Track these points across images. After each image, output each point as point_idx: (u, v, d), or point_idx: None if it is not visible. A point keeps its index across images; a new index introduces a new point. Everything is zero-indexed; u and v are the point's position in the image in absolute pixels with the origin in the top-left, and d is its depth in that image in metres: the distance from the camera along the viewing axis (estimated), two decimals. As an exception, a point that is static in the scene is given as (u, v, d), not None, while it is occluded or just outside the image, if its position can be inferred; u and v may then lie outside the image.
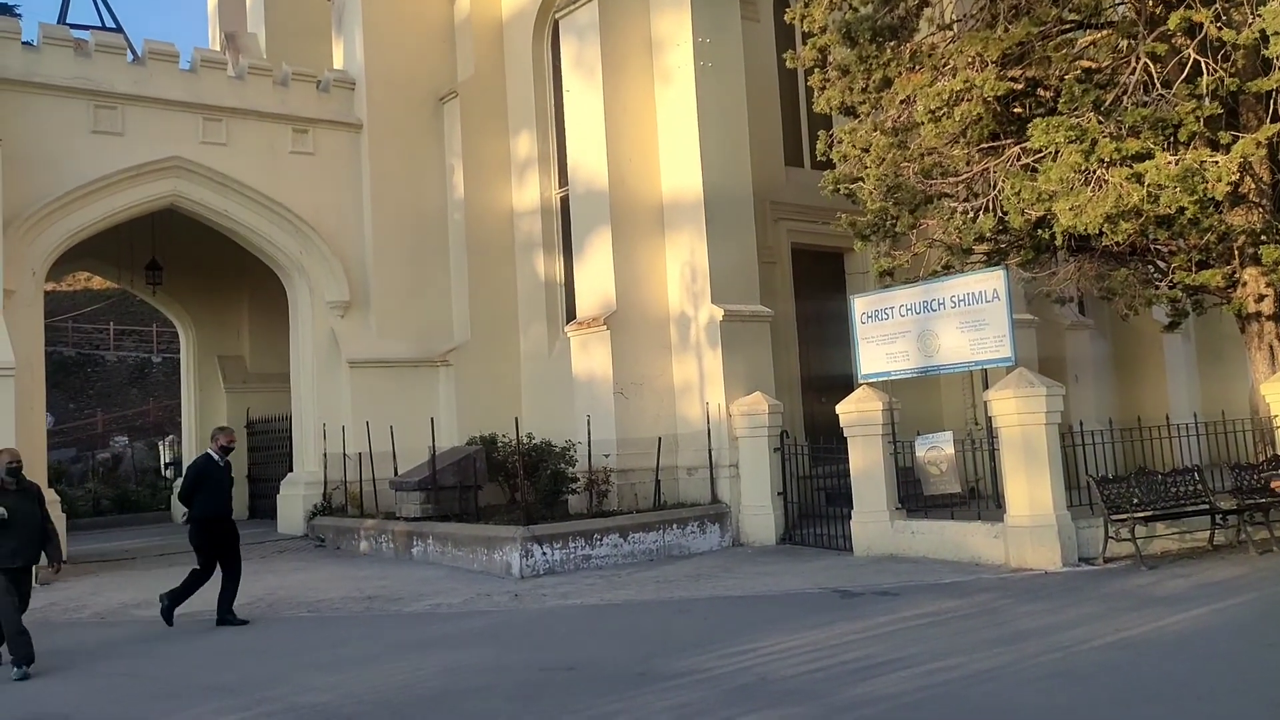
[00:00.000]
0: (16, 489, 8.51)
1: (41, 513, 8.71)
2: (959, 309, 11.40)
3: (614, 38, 15.35)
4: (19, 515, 8.39)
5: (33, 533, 8.52)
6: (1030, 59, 10.78)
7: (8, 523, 8.28)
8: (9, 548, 8.34)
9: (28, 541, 8.48)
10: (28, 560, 8.56)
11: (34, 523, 8.55)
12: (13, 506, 8.36)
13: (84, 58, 15.88)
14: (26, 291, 14.99)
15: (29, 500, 8.61)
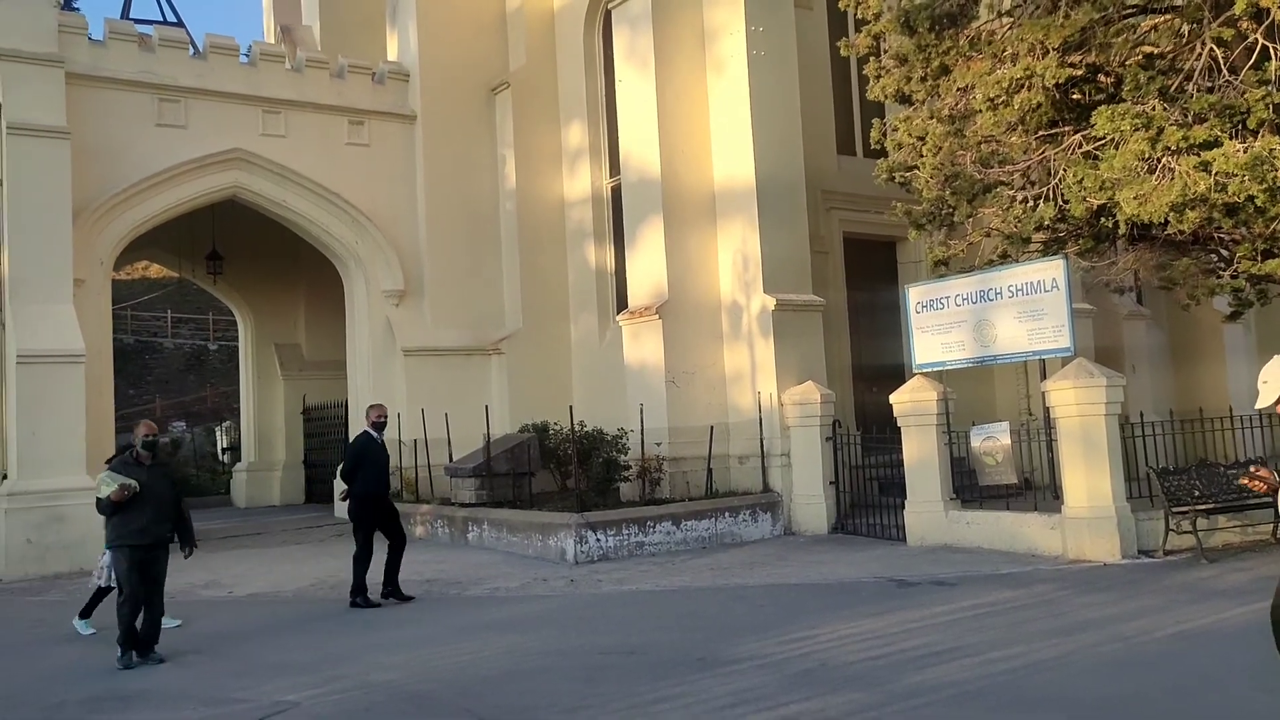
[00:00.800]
0: (151, 464, 8.18)
1: (175, 492, 8.40)
2: (1017, 299, 11.33)
3: (666, 27, 15.38)
4: (151, 491, 7.97)
5: (164, 510, 8.11)
6: (1090, 45, 10.64)
7: (139, 498, 7.86)
8: (138, 524, 7.93)
9: (158, 519, 8.06)
10: (157, 538, 8.09)
11: (166, 500, 8.15)
12: (146, 482, 7.95)
13: (148, 52, 16.25)
14: (95, 280, 15.42)
15: (162, 477, 8.29)
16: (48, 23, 14.99)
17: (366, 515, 10.42)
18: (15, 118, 14.44)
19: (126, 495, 7.73)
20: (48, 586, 12.59)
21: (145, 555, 8.01)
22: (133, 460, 8.09)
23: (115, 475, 7.84)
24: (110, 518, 7.94)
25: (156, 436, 8.30)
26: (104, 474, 7.93)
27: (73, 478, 13.76)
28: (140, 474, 7.95)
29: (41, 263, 14.33)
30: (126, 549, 7.94)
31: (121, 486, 7.73)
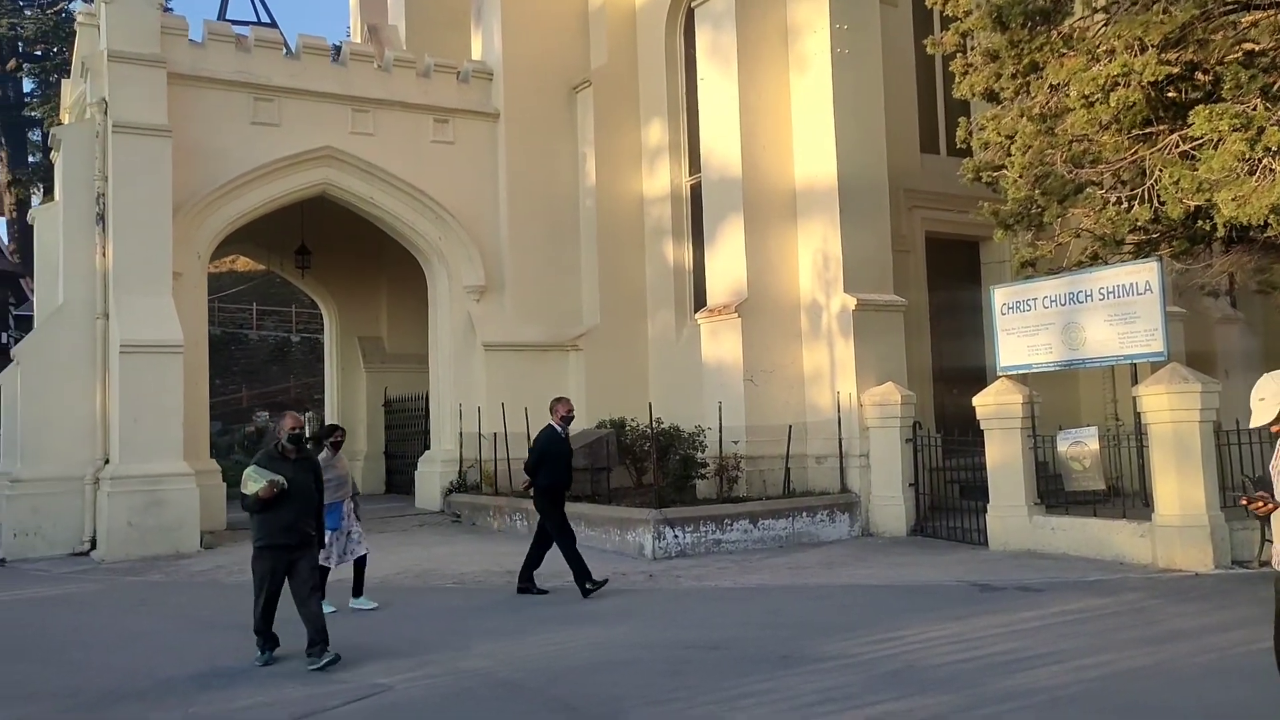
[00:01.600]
0: (296, 458, 7.71)
1: (317, 486, 7.88)
2: (1108, 301, 11.11)
3: (749, 25, 15.39)
4: (296, 487, 7.51)
5: (308, 507, 7.66)
6: (1189, 42, 10.39)
7: (286, 494, 7.40)
8: (283, 522, 7.47)
9: (304, 515, 7.61)
10: (303, 536, 7.63)
11: (310, 496, 7.70)
12: (293, 477, 7.49)
13: (244, 53, 16.77)
14: (193, 274, 15.98)
15: (307, 472, 7.76)
16: (151, 25, 15.56)
17: (555, 504, 10.47)
18: (120, 117, 15.03)
19: (275, 492, 7.32)
20: (148, 567, 13.12)
21: (291, 555, 7.59)
22: (278, 454, 7.66)
23: (263, 471, 7.45)
24: (256, 515, 7.54)
25: (302, 429, 7.79)
26: (251, 469, 7.52)
27: (171, 463, 14.33)
28: (286, 469, 7.53)
29: (143, 256, 14.90)
30: (271, 549, 7.53)
31: (270, 483, 7.31)
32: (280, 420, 7.95)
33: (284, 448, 7.68)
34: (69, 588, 12.08)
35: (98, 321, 14.88)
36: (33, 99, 44.52)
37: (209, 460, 16.25)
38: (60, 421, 14.66)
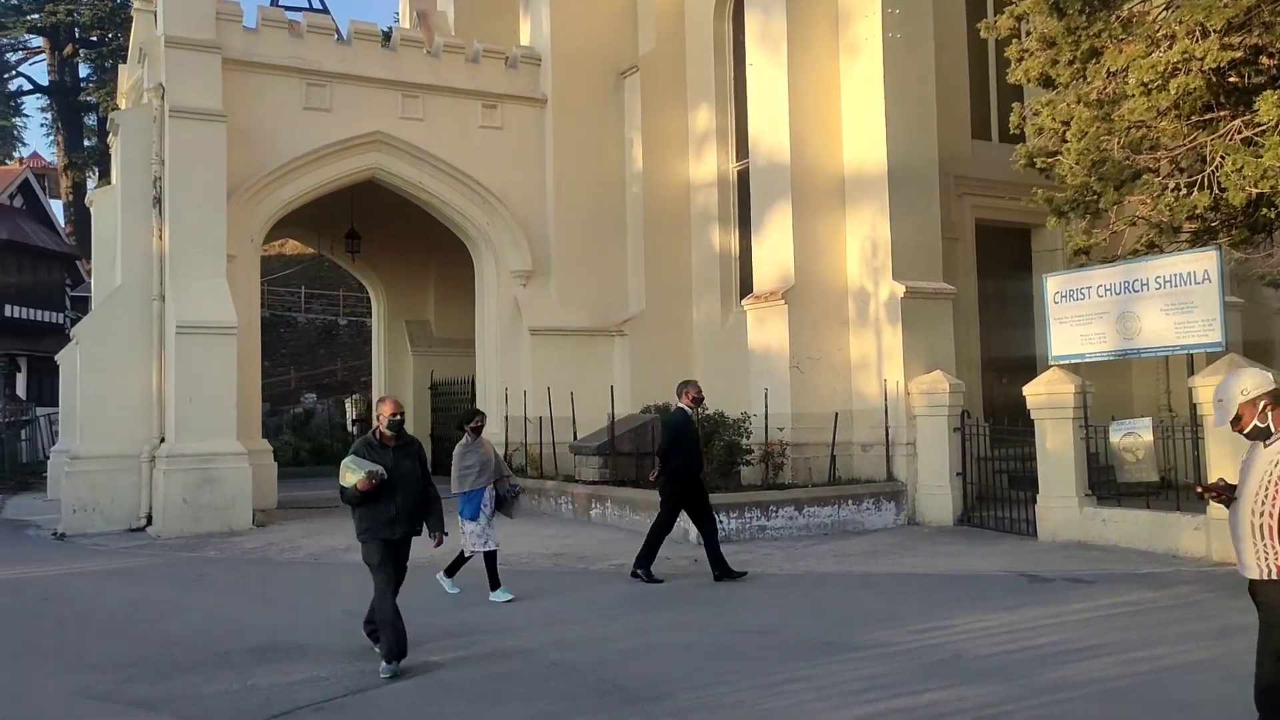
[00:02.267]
0: (397, 444, 7.13)
1: (423, 473, 7.26)
2: (1164, 290, 10.92)
3: (799, 10, 15.27)
4: (401, 476, 6.99)
5: (415, 497, 7.10)
6: (1253, 25, 10.15)
7: (387, 485, 6.89)
8: (387, 514, 6.97)
9: (409, 507, 7.08)
10: (408, 530, 7.15)
11: (416, 485, 7.12)
12: (394, 466, 6.96)
13: (296, 38, 16.96)
14: (246, 256, 16.25)
15: (411, 458, 7.18)
16: (207, 11, 15.80)
17: (679, 491, 10.31)
18: (177, 101, 15.29)
19: (375, 484, 6.80)
20: (202, 544, 13.41)
21: (396, 549, 7.12)
22: (377, 442, 7.08)
23: (361, 461, 6.91)
24: (357, 508, 7.01)
25: (402, 415, 7.19)
26: (348, 459, 6.96)
27: (225, 442, 14.61)
28: (386, 458, 6.99)
29: (198, 239, 15.17)
30: (377, 542, 7.03)
31: (369, 474, 6.79)
32: (379, 406, 7.28)
33: (382, 434, 7.10)
34: (127, 562, 12.39)
35: (154, 303, 15.20)
36: (89, 84, 45.46)
37: (260, 440, 16.56)
38: (117, 400, 15.01)
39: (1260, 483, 4.28)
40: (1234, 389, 4.46)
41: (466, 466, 9.49)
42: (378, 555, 7.06)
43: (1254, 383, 4.43)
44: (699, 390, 10.58)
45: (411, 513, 7.12)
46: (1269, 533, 4.21)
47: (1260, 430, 4.39)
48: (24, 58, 45.73)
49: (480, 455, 9.57)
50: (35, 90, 46.59)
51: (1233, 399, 4.45)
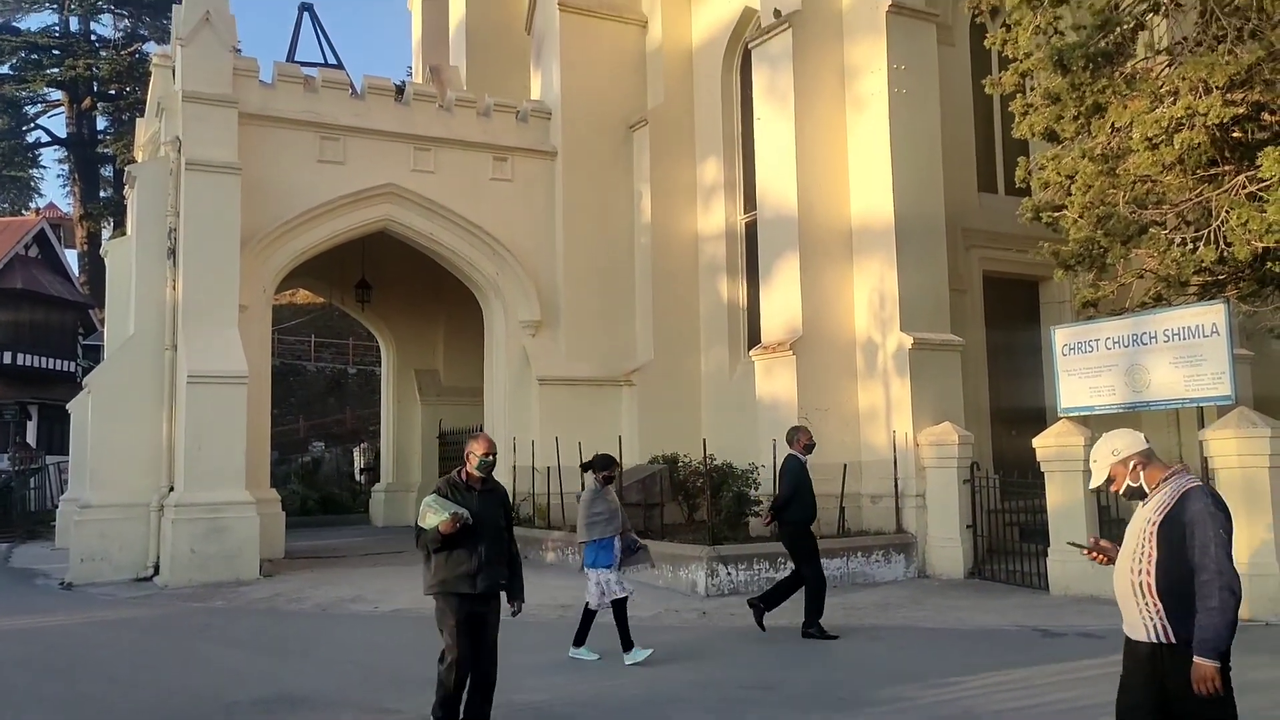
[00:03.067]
0: (483, 488, 6.36)
1: (509, 524, 6.51)
2: (1173, 343, 10.94)
3: (806, 66, 15.49)
4: (486, 523, 6.20)
5: (499, 548, 6.31)
6: (1255, 82, 10.30)
7: (471, 532, 6.08)
8: (469, 566, 6.12)
9: (492, 560, 6.23)
10: (491, 584, 6.23)
11: (501, 537, 6.37)
12: (479, 511, 6.16)
13: (311, 93, 17.26)
14: (258, 306, 16.39)
15: (498, 506, 6.42)
16: (224, 67, 16.10)
17: (809, 538, 10.19)
18: (193, 154, 15.53)
19: (458, 527, 6.01)
20: (210, 594, 13.36)
21: (476, 608, 6.19)
22: (463, 484, 6.32)
23: (444, 501, 6.16)
24: (433, 556, 6.19)
25: (494, 456, 6.39)
26: (430, 499, 6.22)
27: (233, 491, 14.62)
28: (472, 501, 6.20)
29: (211, 289, 15.31)
30: (455, 598, 6.13)
31: (454, 516, 6.00)
32: (470, 443, 6.44)
33: (469, 475, 6.33)
34: (134, 612, 12.35)
35: (166, 352, 15.30)
36: (106, 136, 46.17)
37: (269, 489, 16.57)
38: (127, 449, 15.06)
39: (1137, 541, 4.30)
40: (1105, 450, 4.50)
41: (596, 513, 9.12)
42: (453, 615, 6.10)
43: (1125, 443, 4.47)
44: (810, 436, 10.43)
45: (496, 566, 6.26)
46: (1149, 590, 4.22)
47: (1134, 490, 4.43)
48: (43, 110, 46.53)
49: (609, 503, 9.25)
50: (53, 142, 47.33)
51: (1105, 460, 4.48)
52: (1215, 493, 4.36)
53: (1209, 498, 4.22)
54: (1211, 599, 4.02)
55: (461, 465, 6.40)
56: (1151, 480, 4.38)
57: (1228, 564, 4.07)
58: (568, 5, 19.14)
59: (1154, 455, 4.47)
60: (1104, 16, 10.74)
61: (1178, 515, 4.19)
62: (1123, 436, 4.51)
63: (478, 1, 23.29)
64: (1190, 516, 4.15)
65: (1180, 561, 4.14)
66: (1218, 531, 4.10)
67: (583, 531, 9.14)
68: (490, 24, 23.11)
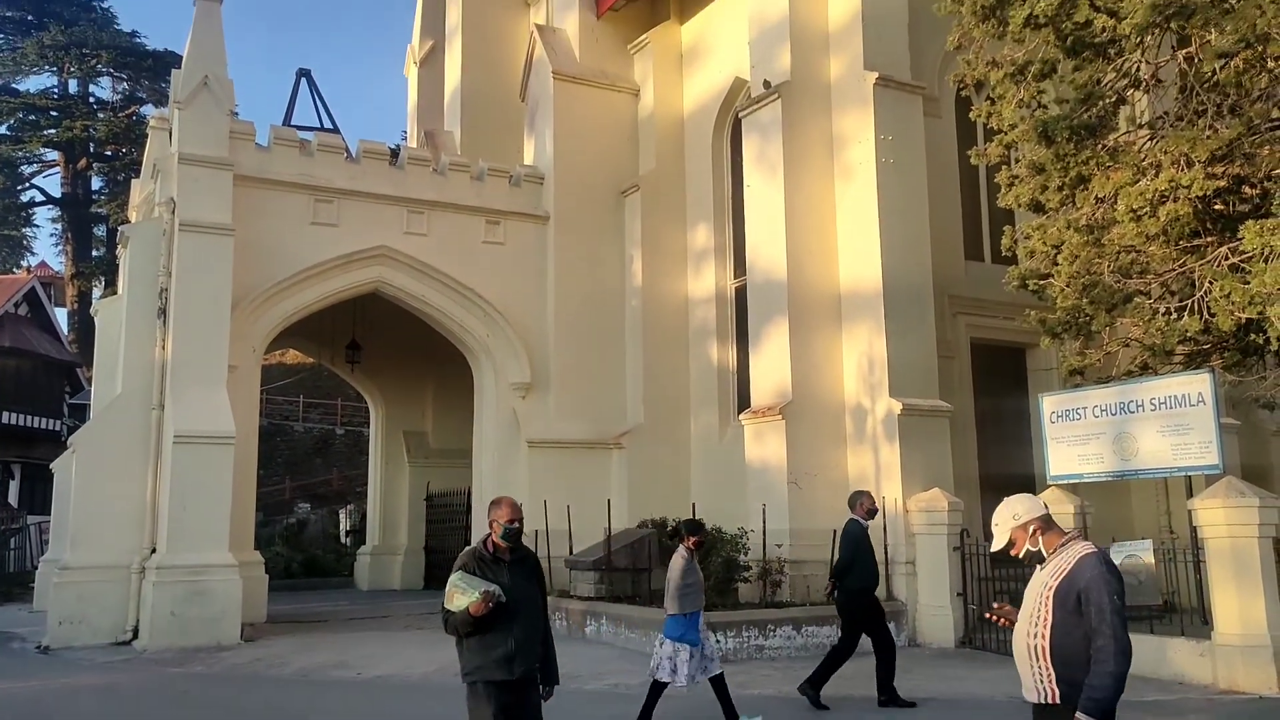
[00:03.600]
0: (513, 558, 5.63)
1: (542, 595, 5.79)
2: (1160, 412, 11.00)
3: (795, 134, 15.76)
4: (520, 599, 5.49)
5: (535, 625, 5.65)
6: (1235, 157, 10.51)
7: (503, 609, 5.38)
8: (504, 649, 5.43)
9: (528, 639, 5.54)
10: (528, 669, 5.56)
11: (537, 613, 5.70)
12: (510, 585, 5.46)
13: (307, 156, 17.44)
14: (247, 367, 16.35)
15: (530, 578, 5.70)
16: (221, 130, 16.27)
17: (863, 611, 9.93)
18: (187, 216, 15.62)
19: (490, 607, 5.33)
20: (189, 658, 13.11)
21: (514, 694, 5.50)
22: (490, 555, 5.59)
23: (472, 579, 5.45)
24: (463, 639, 5.50)
25: (521, 522, 5.68)
26: (456, 577, 5.50)
27: (216, 554, 14.44)
28: (501, 574, 5.50)
29: (201, 349, 15.30)
30: (491, 686, 5.44)
31: (485, 595, 5.32)
32: (493, 510, 5.72)
33: (497, 546, 5.61)
34: (113, 677, 12.10)
35: (153, 412, 15.22)
36: (100, 196, 46.45)
37: (252, 552, 16.37)
38: (111, 510, 14.89)
39: (1035, 604, 4.38)
40: (1006, 514, 4.59)
41: (688, 585, 8.65)
42: (490, 705, 5.43)
43: (1024, 508, 4.56)
44: (873, 501, 10.33)
45: (533, 646, 5.59)
46: (1043, 654, 4.28)
47: (1033, 554, 4.53)
48: (39, 170, 46.87)
49: (698, 573, 8.87)
50: (48, 202, 47.59)
51: (1005, 524, 4.57)
52: (1109, 559, 4.42)
53: (1104, 564, 4.30)
54: (1107, 663, 4.09)
55: (486, 535, 5.72)
56: (1050, 545, 4.47)
57: (1122, 630, 4.16)
58: (562, 74, 19.50)
59: (1052, 521, 4.58)
60: (1087, 91, 10.98)
61: (1073, 580, 4.27)
62: (1023, 502, 4.61)
63: (473, 69, 23.71)
64: (1086, 582, 4.23)
65: (1074, 625, 4.22)
66: (1112, 598, 4.19)
67: (673, 603, 8.64)
68: (485, 91, 23.52)
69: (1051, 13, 10.32)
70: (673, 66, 20.04)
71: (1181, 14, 9.97)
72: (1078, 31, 10.54)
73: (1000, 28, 11.13)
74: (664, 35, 20.06)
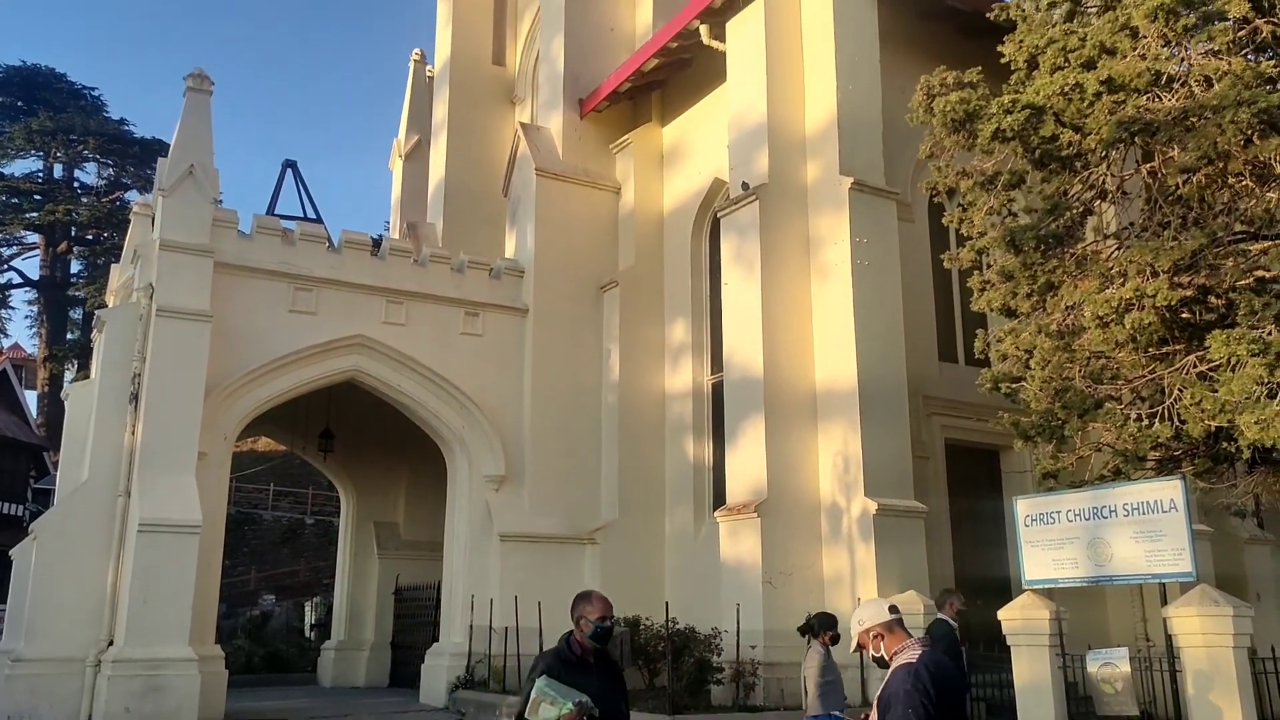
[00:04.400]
0: (597, 662, 5.14)
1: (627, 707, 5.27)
2: (1132, 518, 10.99)
3: (772, 234, 16.03)
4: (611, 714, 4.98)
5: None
6: (1200, 267, 10.77)
7: None
8: None
9: None
10: None
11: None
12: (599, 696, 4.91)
13: (289, 245, 17.55)
14: (217, 454, 16.15)
15: (617, 684, 5.22)
16: (204, 218, 16.38)
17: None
18: (165, 301, 15.61)
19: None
20: (140, 759, 12.63)
21: None
22: (575, 657, 5.06)
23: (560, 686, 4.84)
24: None
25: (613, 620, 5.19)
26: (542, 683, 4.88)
27: (176, 648, 14.04)
28: (590, 682, 4.94)
29: (171, 435, 15.12)
30: None
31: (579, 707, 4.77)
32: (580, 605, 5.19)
33: (583, 646, 5.07)
34: (57, 778, 11.60)
35: (119, 499, 14.96)
36: (79, 280, 46.42)
37: (213, 645, 15.91)
38: (69, 600, 14.50)
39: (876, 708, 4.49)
40: (854, 620, 4.77)
41: (828, 682, 8.43)
42: None
43: (869, 614, 4.73)
44: (962, 602, 10.15)
45: None
46: None
47: (878, 659, 4.66)
48: (18, 252, 46.89)
49: (836, 669, 8.50)
50: (25, 284, 47.49)
51: (854, 629, 4.74)
52: (922, 670, 4.42)
53: (912, 677, 4.34)
54: None
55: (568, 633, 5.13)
56: (889, 650, 4.59)
57: None
58: (544, 171, 19.86)
59: (896, 626, 4.67)
60: (1054, 202, 11.29)
61: (887, 690, 4.38)
62: (868, 607, 4.76)
63: (457, 164, 24.15)
64: (889, 695, 4.33)
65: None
66: (905, 712, 4.24)
67: (815, 703, 8.35)
68: (468, 185, 23.92)
69: (1019, 127, 10.68)
70: (653, 166, 20.47)
71: (1145, 130, 10.35)
72: (1044, 145, 10.90)
73: (970, 139, 11.49)
74: (645, 136, 20.54)
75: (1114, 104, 10.60)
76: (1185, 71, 10.80)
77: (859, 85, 16.15)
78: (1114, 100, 10.61)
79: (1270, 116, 9.58)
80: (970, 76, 11.91)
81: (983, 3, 14.26)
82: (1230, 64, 10.30)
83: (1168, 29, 10.46)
